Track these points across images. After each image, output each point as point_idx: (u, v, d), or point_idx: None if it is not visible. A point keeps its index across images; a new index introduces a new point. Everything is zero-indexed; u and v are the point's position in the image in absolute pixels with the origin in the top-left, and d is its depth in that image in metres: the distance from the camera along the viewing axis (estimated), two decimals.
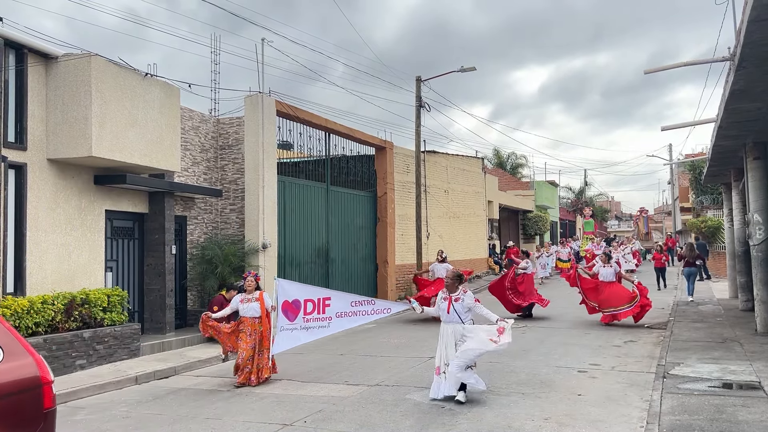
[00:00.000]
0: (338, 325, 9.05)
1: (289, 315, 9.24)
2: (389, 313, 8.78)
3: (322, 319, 9.06)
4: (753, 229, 12.19)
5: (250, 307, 9.39)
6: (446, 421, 6.96)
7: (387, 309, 8.71)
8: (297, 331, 9.20)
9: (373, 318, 8.98)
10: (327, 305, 9.01)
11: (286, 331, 9.24)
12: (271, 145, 15.38)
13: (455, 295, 7.89)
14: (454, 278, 8.01)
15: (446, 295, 7.95)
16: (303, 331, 9.17)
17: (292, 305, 9.25)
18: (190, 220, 14.73)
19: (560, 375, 9.15)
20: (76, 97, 10.92)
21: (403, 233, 21.71)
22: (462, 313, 7.80)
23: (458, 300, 7.84)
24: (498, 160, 50.72)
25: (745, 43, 7.46)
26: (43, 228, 10.97)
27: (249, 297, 9.48)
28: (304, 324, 9.14)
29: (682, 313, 15.40)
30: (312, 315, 9.11)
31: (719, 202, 31.99)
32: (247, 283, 9.55)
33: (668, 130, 18.30)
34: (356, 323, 9.07)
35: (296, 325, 9.21)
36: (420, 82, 21.02)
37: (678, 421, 6.51)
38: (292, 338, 9.23)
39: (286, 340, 9.25)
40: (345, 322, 8.99)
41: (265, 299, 9.46)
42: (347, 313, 8.87)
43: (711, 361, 9.51)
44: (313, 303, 9.12)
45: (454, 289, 7.93)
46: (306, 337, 9.21)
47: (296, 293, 9.34)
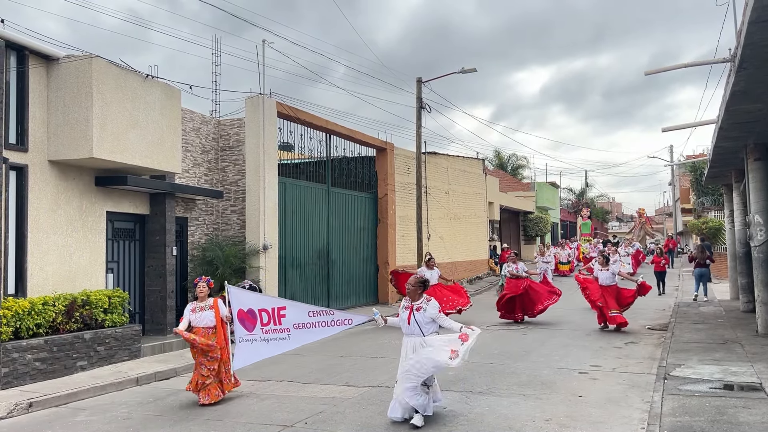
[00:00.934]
0: (298, 337, 8.09)
1: (247, 324, 8.39)
2: (351, 325, 7.81)
3: (280, 330, 8.19)
4: (754, 231, 12.18)
5: (204, 316, 8.42)
6: (447, 422, 6.96)
7: (348, 320, 7.74)
8: (257, 343, 8.34)
9: (334, 330, 8.02)
10: (282, 315, 8.15)
11: (246, 343, 8.39)
12: (272, 146, 15.39)
13: (417, 303, 6.95)
14: (416, 284, 7.05)
15: (408, 304, 7.03)
16: (263, 343, 8.30)
17: (248, 314, 8.42)
18: (191, 221, 14.74)
19: (561, 376, 9.14)
20: (77, 99, 10.93)
21: (403, 234, 21.71)
22: (423, 324, 6.87)
23: (420, 309, 6.89)
24: (499, 161, 50.76)
25: (745, 44, 7.46)
26: (44, 229, 10.98)
27: (201, 305, 8.51)
28: (264, 335, 8.30)
29: (683, 315, 15.39)
30: (269, 326, 8.26)
31: (720, 204, 31.99)
32: (199, 290, 8.57)
33: (669, 132, 18.30)
34: (317, 336, 8.06)
35: (255, 336, 8.37)
36: (420, 84, 21.02)
37: (679, 423, 6.50)
38: (253, 351, 8.38)
39: (247, 353, 8.40)
40: (305, 334, 8.03)
41: (220, 306, 8.51)
42: (306, 325, 7.97)
43: (712, 363, 9.49)
44: (267, 313, 8.27)
45: (417, 297, 6.99)
46: (267, 350, 8.33)
47: (249, 302, 8.50)
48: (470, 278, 27.08)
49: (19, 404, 8.29)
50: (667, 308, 17.17)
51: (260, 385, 9.29)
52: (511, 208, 37.31)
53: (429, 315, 6.89)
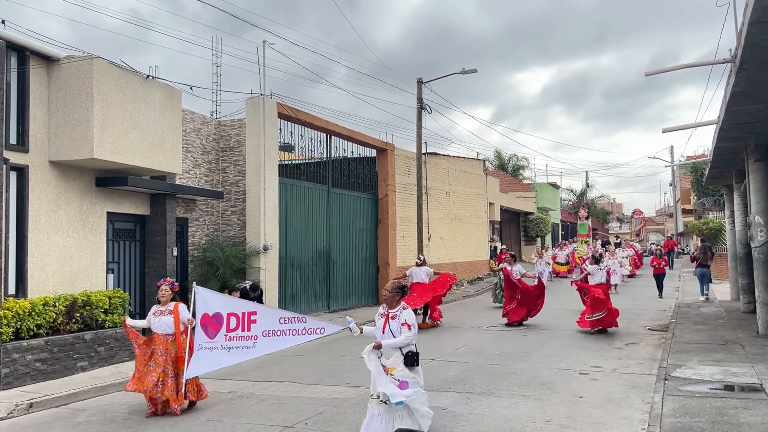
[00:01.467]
0: (264, 345, 7.52)
1: (209, 331, 7.79)
2: (323, 333, 7.24)
3: (246, 338, 7.60)
4: (754, 231, 12.18)
5: (163, 322, 7.95)
6: (447, 423, 6.96)
7: (320, 329, 7.18)
8: (217, 351, 7.72)
9: (305, 339, 7.42)
10: (252, 321, 7.58)
11: (205, 351, 7.78)
12: (272, 147, 15.40)
13: (393, 311, 6.38)
14: (394, 290, 6.47)
15: (384, 311, 6.44)
16: (224, 351, 7.69)
17: (213, 319, 7.82)
18: (192, 221, 14.75)
19: (561, 377, 9.14)
20: (78, 100, 10.94)
21: (404, 235, 21.71)
22: (397, 332, 6.32)
23: (395, 318, 6.33)
24: (499, 162, 50.77)
25: (745, 45, 7.47)
26: (45, 230, 10.99)
27: (162, 309, 8.03)
28: (226, 343, 7.69)
29: (683, 315, 15.38)
30: (235, 332, 7.67)
31: (721, 204, 31.96)
32: (161, 293, 8.11)
33: (669, 132, 18.30)
34: (285, 345, 7.53)
35: (216, 344, 7.73)
36: (421, 84, 21.03)
37: (679, 423, 6.50)
38: (212, 359, 7.76)
39: (204, 362, 7.77)
40: (272, 342, 7.48)
41: (181, 312, 7.99)
42: (275, 332, 7.41)
43: (712, 363, 9.49)
44: (237, 318, 7.68)
45: (394, 304, 6.43)
46: (227, 359, 7.72)
47: (218, 305, 7.90)
48: (471, 279, 27.09)
49: (19, 405, 8.29)
50: (667, 309, 17.16)
51: (260, 385, 9.29)
52: (511, 209, 37.31)
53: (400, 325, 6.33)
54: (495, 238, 33.41)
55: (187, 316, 7.93)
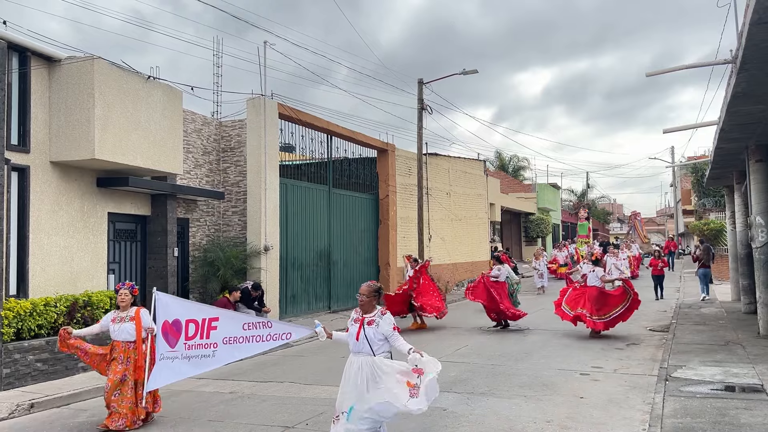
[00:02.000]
0: (225, 354, 6.99)
1: (170, 339, 7.29)
2: (289, 339, 6.80)
3: (205, 345, 7.07)
4: (755, 232, 12.18)
5: (123, 329, 7.36)
6: (448, 424, 6.96)
7: (287, 334, 6.70)
8: (178, 361, 7.21)
9: (269, 346, 6.85)
10: (213, 328, 7.06)
11: (166, 361, 7.27)
12: (273, 147, 15.41)
13: (369, 316, 5.77)
14: (369, 293, 5.83)
15: (358, 316, 5.84)
16: (185, 361, 7.18)
17: (173, 327, 7.29)
18: (193, 222, 14.76)
19: (562, 377, 9.14)
20: (79, 100, 10.95)
21: (404, 236, 21.72)
22: (375, 341, 5.68)
23: (372, 323, 5.71)
24: (500, 162, 50.79)
25: (746, 45, 7.47)
26: (46, 230, 11.00)
27: (122, 315, 7.45)
28: (186, 352, 7.17)
29: (684, 316, 15.38)
30: (194, 340, 7.13)
31: (722, 205, 31.95)
32: (120, 298, 7.50)
33: (670, 133, 18.30)
34: (248, 353, 7.02)
35: (177, 353, 7.21)
36: (422, 85, 21.04)
37: (680, 424, 6.50)
38: (173, 370, 7.25)
39: (165, 373, 7.28)
40: (234, 350, 6.93)
41: (143, 318, 7.42)
42: (237, 339, 6.87)
43: (713, 364, 9.49)
44: (196, 324, 7.15)
45: (370, 309, 5.82)
46: (188, 369, 7.20)
47: (177, 311, 7.36)
48: (471, 279, 27.07)
49: (20, 405, 8.29)
50: (668, 309, 17.16)
51: (261, 385, 9.30)
52: (512, 210, 37.33)
53: (382, 331, 5.68)
54: (495, 238, 33.41)
55: (149, 324, 7.38)
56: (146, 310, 7.52)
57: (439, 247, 24.23)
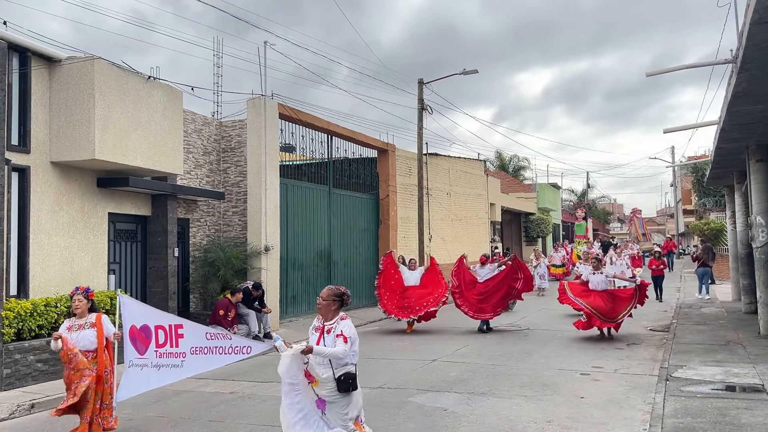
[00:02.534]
0: (192, 365, 6.58)
1: (139, 345, 6.83)
2: (249, 353, 6.40)
3: (175, 354, 6.66)
4: (756, 232, 12.18)
5: (83, 337, 6.75)
6: (449, 424, 6.96)
7: (246, 348, 6.34)
8: (147, 369, 6.77)
9: (231, 359, 6.50)
10: (180, 336, 6.67)
11: (136, 368, 6.82)
12: (273, 147, 15.41)
13: (329, 323, 5.19)
14: (328, 297, 5.23)
15: (319, 324, 5.29)
16: (154, 370, 6.74)
17: (141, 332, 6.86)
18: (193, 222, 14.76)
19: (563, 377, 9.14)
20: (80, 100, 10.96)
21: (405, 236, 21.72)
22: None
23: (330, 331, 5.14)
24: (500, 162, 50.80)
25: (747, 45, 7.47)
26: (46, 231, 11.00)
27: (80, 322, 6.84)
28: (156, 360, 6.73)
29: (684, 316, 15.38)
30: (164, 348, 6.71)
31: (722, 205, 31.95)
32: (75, 304, 6.88)
33: (671, 133, 18.30)
34: (213, 365, 6.58)
35: (147, 361, 6.77)
36: (422, 85, 21.04)
37: (681, 424, 6.50)
38: (142, 379, 6.80)
39: (135, 381, 6.81)
40: (199, 362, 6.54)
41: (105, 324, 6.86)
42: (202, 350, 6.50)
43: (714, 364, 9.49)
44: (165, 331, 6.74)
45: (330, 315, 5.23)
46: (156, 379, 6.77)
47: (144, 317, 6.95)
48: None
49: (21, 405, 8.30)
50: (668, 309, 17.17)
51: (262, 386, 9.30)
52: (512, 210, 37.31)
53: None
54: (496, 238, 33.40)
55: (113, 330, 6.90)
56: (107, 316, 6.99)
57: (440, 247, 24.23)
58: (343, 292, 5.30)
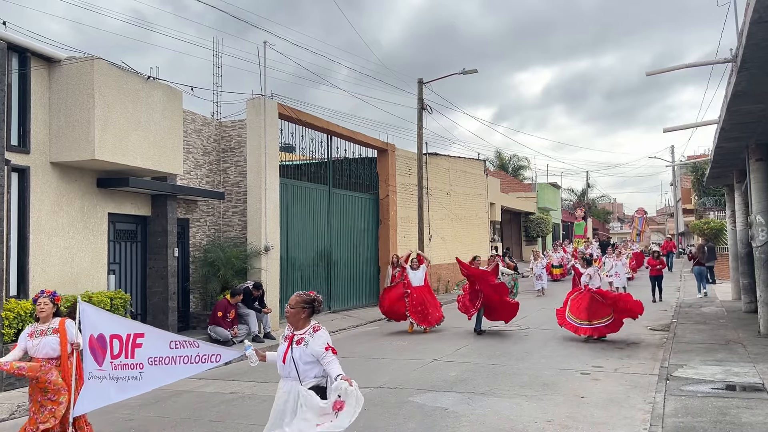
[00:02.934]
0: (152, 377, 6.08)
1: (98, 356, 6.30)
2: (219, 361, 5.92)
3: (131, 366, 6.15)
4: (756, 231, 12.18)
5: (45, 343, 6.27)
6: (449, 424, 6.96)
7: (216, 356, 5.86)
8: (106, 382, 6.25)
9: (199, 369, 6.00)
10: (138, 345, 6.17)
11: (95, 380, 6.29)
12: (273, 147, 15.41)
13: (299, 333, 4.83)
14: (297, 304, 4.87)
15: (289, 333, 4.92)
16: (112, 382, 6.22)
17: (99, 342, 6.32)
18: (193, 222, 14.76)
19: (563, 377, 9.14)
20: (79, 101, 10.95)
21: (405, 235, 21.72)
22: (302, 364, 4.75)
23: (300, 342, 4.77)
24: (500, 162, 50.82)
25: (747, 44, 7.47)
26: (46, 231, 11.00)
27: (42, 327, 6.36)
28: (113, 372, 6.22)
29: (684, 315, 15.38)
30: (119, 359, 6.19)
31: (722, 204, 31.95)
32: (39, 308, 6.40)
33: (670, 132, 18.29)
34: (176, 376, 6.09)
35: (105, 373, 6.24)
36: (422, 85, 21.04)
37: (681, 423, 6.50)
38: (101, 392, 6.27)
39: (94, 394, 6.29)
40: (161, 373, 6.07)
41: (68, 330, 6.37)
42: (164, 360, 6.05)
43: (714, 363, 9.49)
44: (120, 341, 6.20)
45: (299, 324, 4.87)
46: (116, 393, 6.23)
47: (102, 325, 6.36)
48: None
49: (21, 406, 8.30)
50: (668, 309, 17.17)
51: (262, 386, 9.30)
52: (512, 209, 37.33)
53: (311, 352, 4.71)
54: (496, 238, 33.40)
55: (74, 337, 6.36)
56: (72, 321, 6.41)
57: (440, 247, 24.24)
58: (313, 298, 4.93)
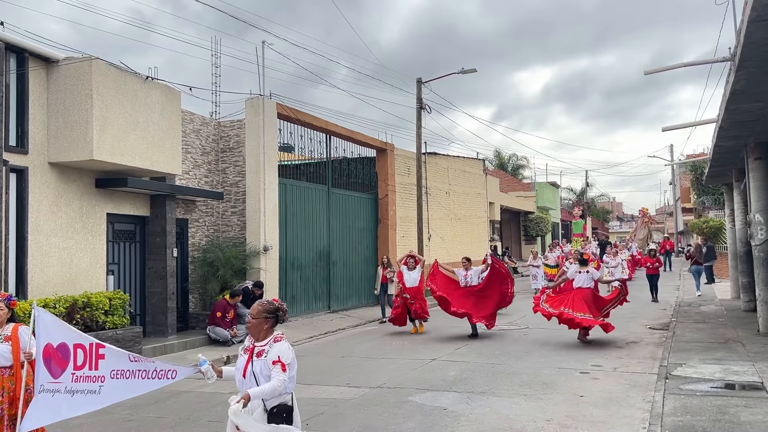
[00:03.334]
0: (111, 391, 5.59)
1: (54, 368, 5.73)
2: (175, 378, 5.36)
3: (93, 378, 5.63)
4: (755, 230, 12.18)
5: None
6: (448, 423, 6.95)
7: (171, 372, 5.38)
8: (60, 396, 5.68)
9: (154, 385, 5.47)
10: (101, 356, 5.66)
11: (46, 394, 5.70)
12: (272, 147, 15.40)
13: (261, 345, 4.44)
14: (260, 315, 4.47)
15: (249, 344, 4.53)
16: (66, 396, 5.66)
17: (58, 352, 5.77)
18: (192, 222, 14.74)
19: (562, 376, 9.14)
20: (77, 101, 10.94)
21: (404, 235, 21.71)
22: (263, 377, 4.33)
23: (261, 355, 4.39)
24: (499, 161, 50.82)
25: (745, 43, 7.47)
26: (45, 231, 10.98)
27: None
28: (71, 384, 5.66)
29: (684, 314, 15.38)
30: (82, 370, 5.67)
31: (721, 203, 31.99)
32: None
33: (669, 131, 18.30)
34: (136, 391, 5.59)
35: (61, 386, 5.65)
36: (420, 84, 21.04)
37: (680, 422, 6.50)
38: (52, 407, 5.69)
39: (44, 409, 5.70)
40: (121, 387, 5.58)
41: (21, 337, 5.91)
42: (124, 374, 5.57)
43: (713, 362, 9.49)
44: (84, 351, 5.68)
45: (260, 335, 4.47)
46: (68, 408, 5.67)
47: (62, 334, 5.78)
48: None
49: None
50: (668, 308, 17.17)
51: None
52: (511, 209, 37.32)
53: (270, 364, 4.35)
54: (495, 237, 33.40)
55: (27, 346, 5.85)
56: (26, 327, 5.93)
57: (439, 247, 24.23)
58: (277, 307, 4.53)
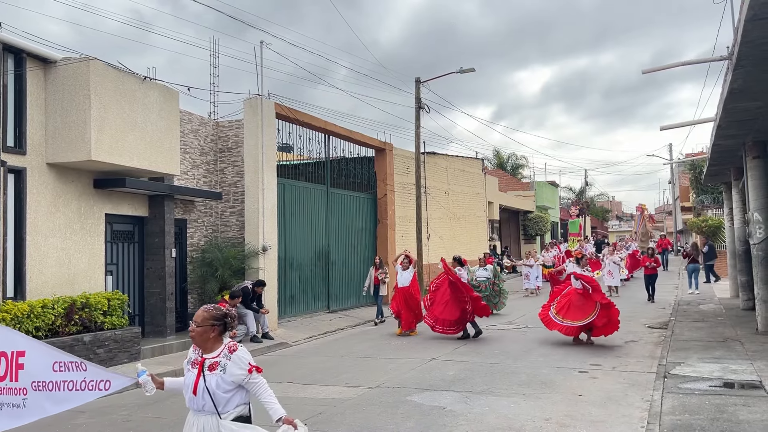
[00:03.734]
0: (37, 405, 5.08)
1: None
2: (109, 389, 4.81)
3: (15, 390, 5.09)
4: (753, 228, 12.19)
5: None
6: (447, 423, 6.96)
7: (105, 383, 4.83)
8: None
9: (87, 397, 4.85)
10: (20, 366, 5.09)
11: None
12: (270, 147, 15.39)
13: (211, 356, 3.97)
14: (206, 323, 3.99)
15: (197, 357, 4.07)
16: None
17: None
18: (190, 223, 14.74)
19: (561, 375, 9.14)
20: (75, 101, 10.93)
21: (403, 235, 21.71)
22: (220, 394, 3.89)
23: (215, 368, 3.92)
24: (498, 161, 50.83)
25: (743, 42, 7.47)
26: (43, 232, 10.98)
27: None
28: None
29: (683, 313, 15.39)
30: (3, 382, 5.12)
31: (720, 202, 32.00)
32: None
33: (668, 130, 18.31)
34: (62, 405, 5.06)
35: None
36: (419, 84, 21.04)
37: (679, 421, 6.50)
38: None
39: None
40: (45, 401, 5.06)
41: None
42: (47, 385, 5.00)
43: (712, 361, 9.50)
44: (6, 359, 5.11)
45: (208, 345, 4.00)
46: None
47: None
48: None
49: None
50: (666, 307, 17.18)
51: None
52: (510, 208, 37.31)
53: (231, 378, 3.88)
54: (494, 237, 33.41)
55: None
56: None
57: (438, 246, 24.23)
58: (225, 313, 4.06)
